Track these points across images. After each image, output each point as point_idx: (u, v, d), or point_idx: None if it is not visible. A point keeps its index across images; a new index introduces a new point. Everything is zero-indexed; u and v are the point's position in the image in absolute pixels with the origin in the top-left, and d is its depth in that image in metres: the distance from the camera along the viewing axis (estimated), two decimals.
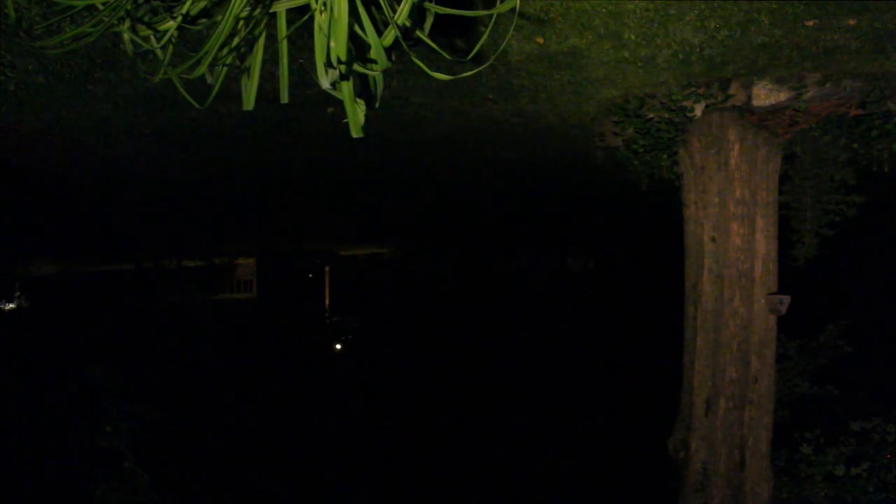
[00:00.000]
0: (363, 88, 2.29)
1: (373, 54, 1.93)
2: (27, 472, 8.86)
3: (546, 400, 13.09)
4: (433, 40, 2.05)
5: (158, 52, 2.21)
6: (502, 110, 4.70)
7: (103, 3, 2.00)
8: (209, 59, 2.06)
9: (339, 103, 2.01)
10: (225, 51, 2.13)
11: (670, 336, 5.33)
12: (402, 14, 1.90)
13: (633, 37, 3.44)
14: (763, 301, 4.44)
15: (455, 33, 3.22)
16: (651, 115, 4.44)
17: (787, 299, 4.37)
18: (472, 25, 3.17)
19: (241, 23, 2.06)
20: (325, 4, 1.79)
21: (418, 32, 2.05)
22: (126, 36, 2.16)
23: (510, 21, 3.10)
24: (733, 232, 4.41)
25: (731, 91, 4.16)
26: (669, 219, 5.80)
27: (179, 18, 2.02)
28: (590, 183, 7.93)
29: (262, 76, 2.21)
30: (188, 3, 2.00)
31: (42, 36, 3.04)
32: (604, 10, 3.16)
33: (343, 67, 1.84)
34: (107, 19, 2.02)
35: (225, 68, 2.24)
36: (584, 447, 10.81)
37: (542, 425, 12.00)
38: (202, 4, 2.03)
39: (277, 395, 13.70)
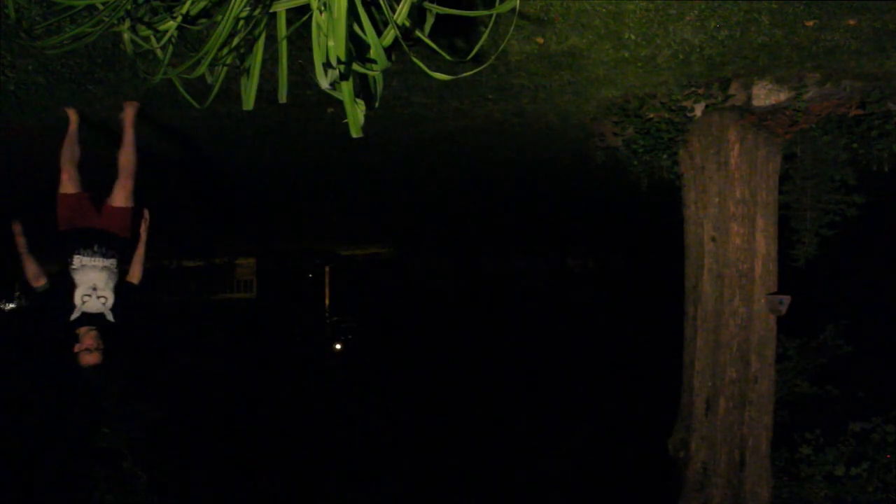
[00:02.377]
0: (363, 88, 2.29)
1: (372, 54, 1.93)
2: (26, 472, 8.86)
3: (546, 400, 13.09)
4: (433, 40, 2.05)
5: (158, 52, 2.22)
6: (502, 110, 4.70)
7: (103, 3, 2.00)
8: (209, 59, 2.07)
9: (339, 103, 2.01)
10: (225, 51, 2.13)
11: (670, 336, 5.33)
12: (402, 14, 1.90)
13: (633, 37, 3.44)
14: (763, 301, 4.44)
15: (455, 33, 3.22)
16: (651, 115, 4.43)
17: (787, 299, 4.36)
18: (472, 25, 3.16)
19: (241, 23, 2.06)
20: (324, 4, 1.79)
21: (418, 32, 2.05)
22: (126, 36, 2.16)
23: (510, 21, 3.10)
24: (733, 232, 4.41)
25: (731, 91, 4.16)
26: (669, 219, 5.80)
27: (179, 18, 2.02)
28: (590, 183, 7.93)
29: (262, 76, 2.21)
30: (188, 3, 2.00)
31: (42, 36, 3.04)
32: (604, 10, 3.16)
33: (342, 67, 1.84)
34: (107, 19, 2.02)
35: (225, 68, 2.24)
36: (585, 447, 10.81)
37: (542, 425, 12.00)
38: (202, 4, 2.03)
39: (277, 395, 13.70)
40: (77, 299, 3.28)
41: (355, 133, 2.00)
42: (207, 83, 2.27)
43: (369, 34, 1.87)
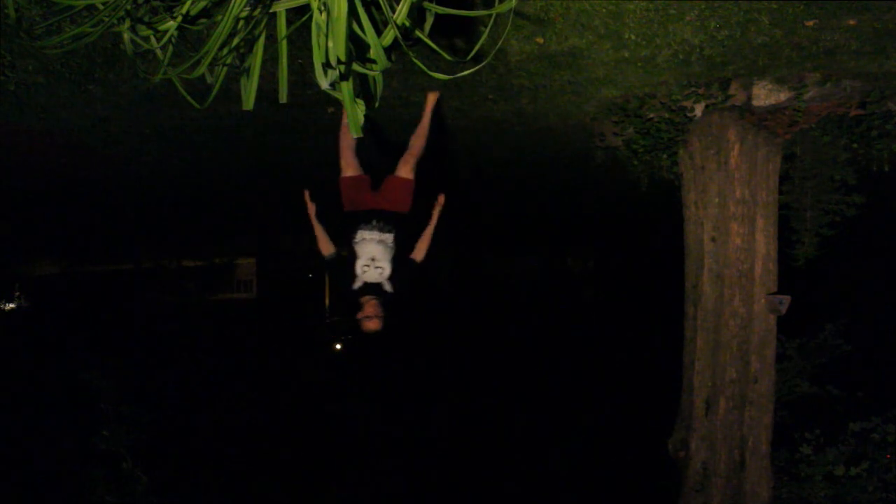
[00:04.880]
0: (363, 88, 2.29)
1: (372, 54, 1.93)
2: (26, 473, 8.86)
3: (546, 400, 13.09)
4: (433, 40, 2.05)
5: (158, 52, 2.21)
6: (502, 110, 4.70)
7: (103, 3, 2.00)
8: (209, 59, 2.07)
9: (340, 103, 2.01)
10: (225, 51, 2.13)
11: (670, 336, 5.32)
12: (402, 14, 1.90)
13: (633, 37, 3.44)
14: (763, 301, 4.44)
15: (455, 33, 3.22)
16: (651, 115, 4.43)
17: (787, 299, 4.36)
18: (472, 25, 3.17)
19: (241, 23, 2.06)
20: (324, 5, 1.79)
21: (418, 32, 2.05)
22: (126, 36, 2.16)
23: (509, 21, 3.10)
24: (733, 232, 4.41)
25: (731, 91, 4.16)
26: (669, 219, 5.80)
27: (179, 18, 2.02)
28: (590, 183, 7.93)
29: (262, 76, 2.21)
30: (188, 3, 2.00)
31: (42, 36, 3.04)
32: (604, 10, 3.16)
33: (342, 67, 1.84)
34: (107, 19, 2.02)
35: (225, 68, 2.24)
36: (585, 447, 10.81)
37: (541, 425, 12.00)
38: (202, 4, 2.03)
39: (277, 395, 13.71)
40: (358, 269, 3.53)
41: (355, 133, 2.00)
42: (207, 83, 2.27)
43: (369, 34, 1.87)
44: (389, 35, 1.92)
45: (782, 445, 4.82)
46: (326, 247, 3.74)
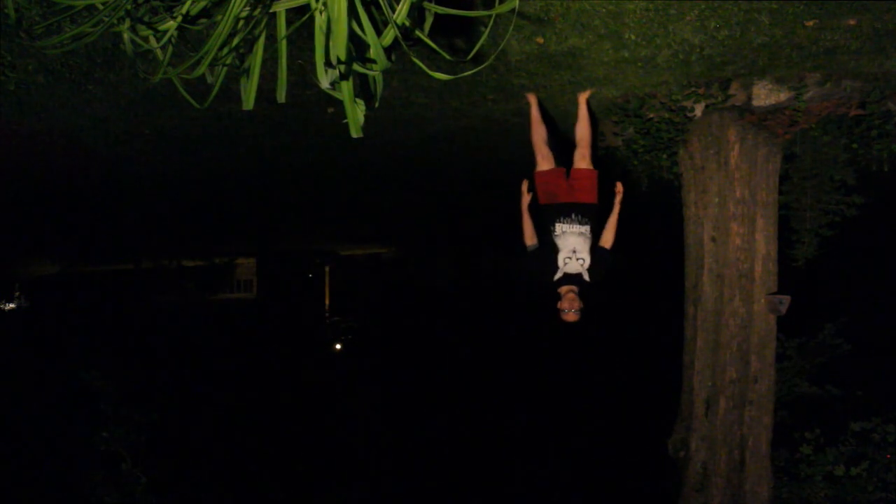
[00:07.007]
0: (363, 88, 2.29)
1: (372, 54, 1.93)
2: (26, 473, 8.86)
3: (546, 400, 13.09)
4: (433, 40, 2.05)
5: (158, 52, 2.21)
6: (502, 110, 4.69)
7: (103, 3, 2.00)
8: (209, 59, 2.06)
9: (340, 103, 2.01)
10: (225, 51, 2.13)
11: (670, 336, 5.32)
12: (402, 14, 1.90)
13: (633, 37, 3.44)
14: (763, 301, 4.44)
15: (455, 33, 3.22)
16: (651, 115, 4.43)
17: (787, 299, 4.36)
18: (472, 25, 3.17)
19: (241, 23, 2.06)
20: (324, 5, 1.79)
21: (418, 32, 2.05)
22: (126, 36, 2.16)
23: (510, 21, 3.10)
24: (733, 232, 4.41)
25: (731, 91, 4.16)
26: (669, 219, 5.80)
27: (179, 18, 2.02)
28: None
29: (262, 76, 2.20)
30: (188, 3, 2.00)
31: (42, 36, 3.04)
32: (604, 10, 3.16)
33: (342, 67, 1.84)
34: (107, 19, 2.02)
35: (225, 68, 2.24)
36: (585, 447, 10.81)
37: (541, 425, 12.00)
38: (202, 4, 2.03)
39: (277, 395, 13.71)
40: (560, 262, 3.65)
41: (355, 133, 2.00)
42: (207, 83, 2.27)
43: (369, 34, 1.87)
44: (389, 35, 1.92)
45: (782, 445, 4.82)
46: (531, 237, 3.84)
